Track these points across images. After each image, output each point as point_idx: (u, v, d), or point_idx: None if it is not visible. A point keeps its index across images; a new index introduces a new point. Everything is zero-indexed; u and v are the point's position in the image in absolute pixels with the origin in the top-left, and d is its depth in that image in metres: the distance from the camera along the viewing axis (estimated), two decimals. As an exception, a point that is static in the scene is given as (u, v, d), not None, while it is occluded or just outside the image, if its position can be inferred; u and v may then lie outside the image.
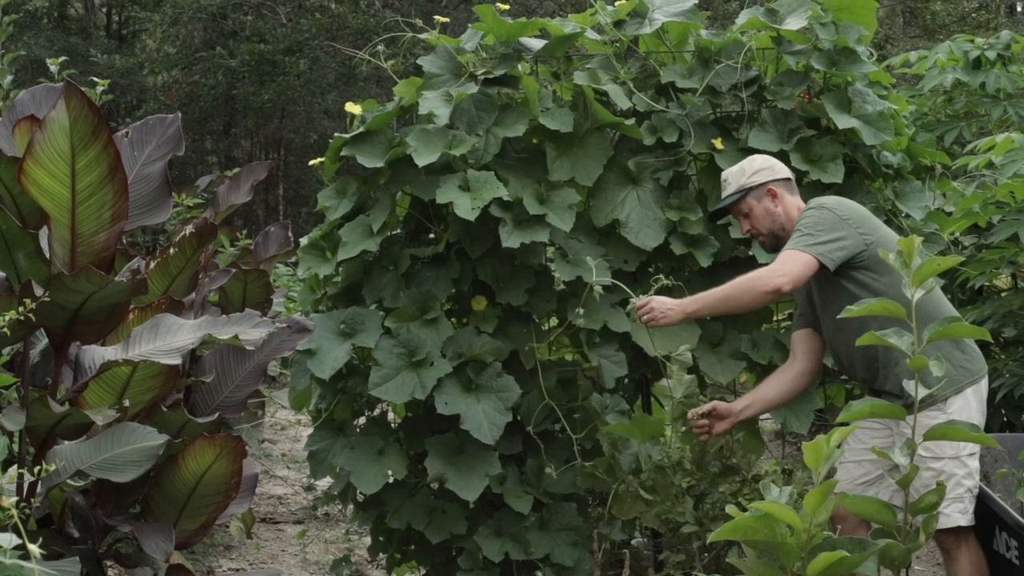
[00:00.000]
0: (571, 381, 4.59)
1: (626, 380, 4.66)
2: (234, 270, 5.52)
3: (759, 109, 4.64)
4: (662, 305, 3.93)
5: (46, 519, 3.68)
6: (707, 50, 4.64)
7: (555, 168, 4.42)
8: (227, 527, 5.76)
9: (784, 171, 4.15)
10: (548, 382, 4.40)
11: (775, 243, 4.10)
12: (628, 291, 4.09)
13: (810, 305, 4.13)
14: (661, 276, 4.19)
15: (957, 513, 3.75)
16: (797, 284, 3.86)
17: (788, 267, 3.86)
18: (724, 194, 4.16)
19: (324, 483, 6.37)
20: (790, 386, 4.18)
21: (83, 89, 3.29)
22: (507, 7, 4.56)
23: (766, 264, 4.34)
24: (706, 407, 4.05)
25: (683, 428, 4.08)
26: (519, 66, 4.52)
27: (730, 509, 2.85)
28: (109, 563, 3.89)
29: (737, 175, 4.13)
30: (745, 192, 4.09)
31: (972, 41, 6.66)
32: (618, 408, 4.44)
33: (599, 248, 4.44)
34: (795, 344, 4.19)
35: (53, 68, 7.44)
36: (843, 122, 4.45)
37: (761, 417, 4.80)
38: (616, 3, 4.65)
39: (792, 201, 4.11)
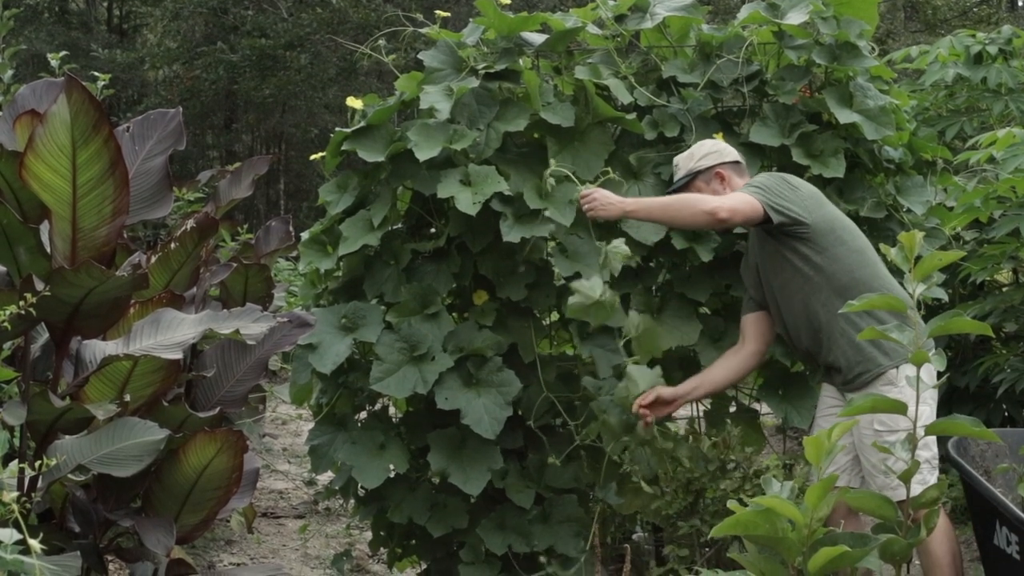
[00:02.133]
0: (571, 375, 4.59)
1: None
2: (235, 265, 5.52)
3: (760, 104, 4.63)
4: (604, 198, 4.03)
5: (47, 514, 3.69)
6: (708, 45, 4.63)
7: (556, 162, 4.41)
8: (228, 522, 5.77)
9: (733, 154, 4.24)
10: (548, 376, 4.40)
11: None
12: (578, 182, 4.17)
13: (758, 284, 4.19)
14: (608, 169, 4.29)
15: (916, 484, 3.74)
16: (736, 218, 3.93)
17: (733, 201, 3.96)
18: (675, 178, 4.25)
19: (325, 478, 6.38)
20: (738, 368, 4.24)
21: (84, 84, 3.28)
22: (508, 1, 4.55)
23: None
24: (649, 396, 4.09)
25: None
26: (520, 60, 4.51)
27: (731, 504, 2.85)
28: (110, 557, 3.89)
29: (686, 159, 4.22)
30: (694, 175, 4.19)
31: (973, 36, 6.64)
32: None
33: (600, 244, 4.42)
34: (746, 327, 4.26)
35: (54, 63, 7.43)
36: (844, 117, 4.45)
37: (762, 412, 4.80)
38: (617, -3, 4.65)
39: (741, 183, 4.18)
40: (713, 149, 4.22)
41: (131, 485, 3.61)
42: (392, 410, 4.77)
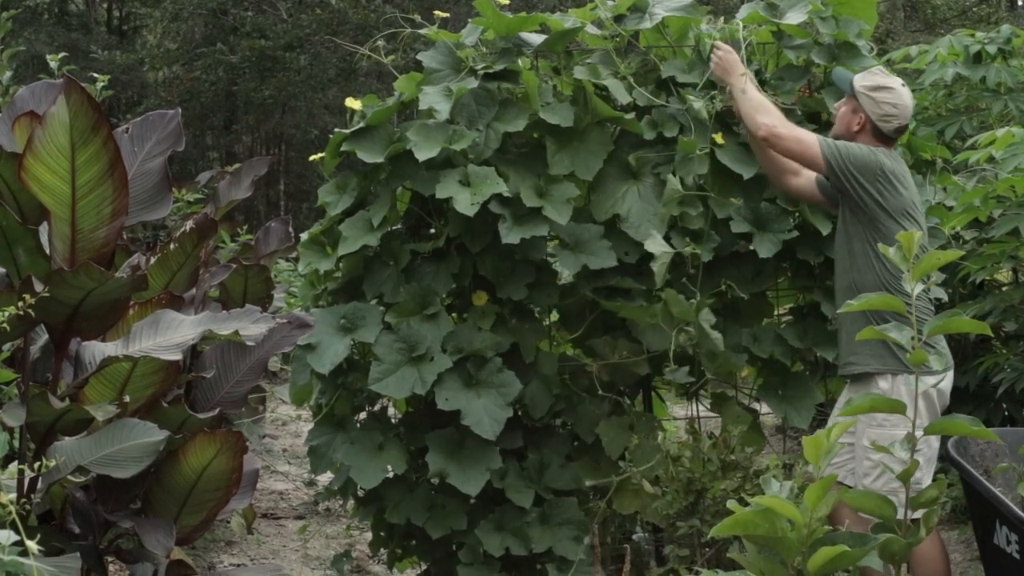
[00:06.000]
0: (572, 377, 4.59)
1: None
2: (235, 265, 5.52)
3: (760, 104, 4.62)
4: (734, 60, 4.30)
5: (47, 515, 3.69)
6: (707, 45, 4.63)
7: (555, 162, 4.41)
8: (228, 522, 5.76)
9: (889, 119, 4.13)
10: (549, 373, 4.41)
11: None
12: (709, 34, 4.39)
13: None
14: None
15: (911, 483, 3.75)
16: (776, 143, 4.08)
17: (787, 129, 4.09)
18: (850, 80, 4.20)
19: (325, 478, 6.37)
20: (776, 160, 4.29)
21: (83, 85, 3.29)
22: (507, 2, 4.55)
23: (767, 259, 4.38)
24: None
25: None
26: (519, 61, 4.51)
27: (731, 504, 2.85)
28: (110, 559, 3.89)
29: (863, 76, 4.19)
30: (853, 93, 4.17)
31: (973, 35, 6.63)
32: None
33: (605, 241, 4.39)
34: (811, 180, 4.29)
35: (53, 64, 7.42)
36: (843, 117, 4.44)
37: (762, 412, 4.80)
38: (616, -2, 4.65)
39: (866, 140, 4.14)
40: (887, 100, 4.13)
41: (131, 486, 3.62)
42: (391, 411, 4.77)
